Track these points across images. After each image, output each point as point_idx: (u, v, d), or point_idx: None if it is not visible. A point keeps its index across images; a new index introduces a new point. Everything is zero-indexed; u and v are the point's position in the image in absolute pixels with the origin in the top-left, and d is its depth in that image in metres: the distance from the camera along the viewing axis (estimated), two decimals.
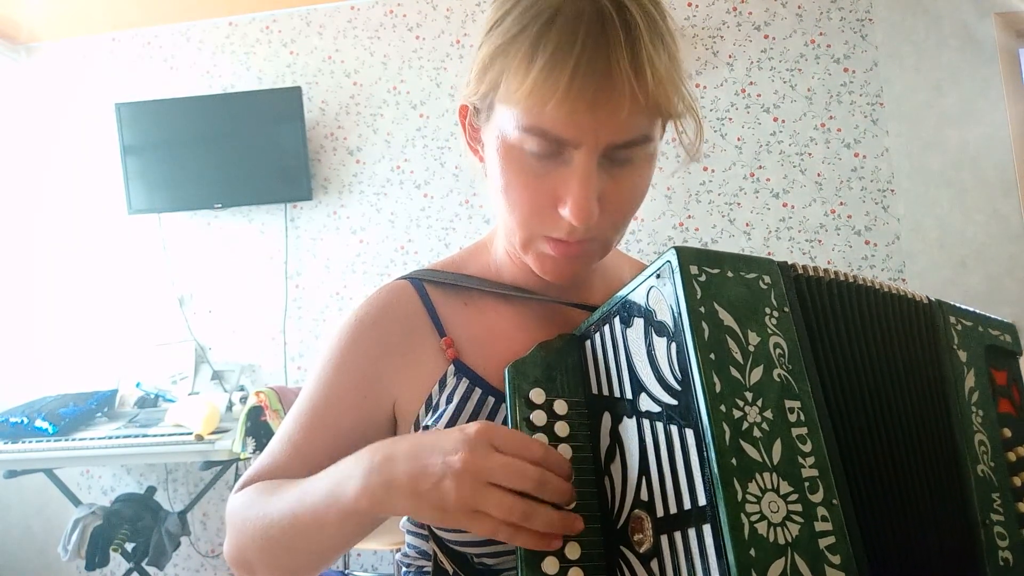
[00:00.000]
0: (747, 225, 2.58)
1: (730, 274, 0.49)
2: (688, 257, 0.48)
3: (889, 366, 0.56)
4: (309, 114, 2.76)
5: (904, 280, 2.47)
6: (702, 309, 0.46)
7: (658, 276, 0.50)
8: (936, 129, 2.47)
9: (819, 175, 2.54)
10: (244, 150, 2.68)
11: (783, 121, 2.57)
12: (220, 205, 2.73)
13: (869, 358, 0.55)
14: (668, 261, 0.49)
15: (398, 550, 0.75)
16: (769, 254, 2.46)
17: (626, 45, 0.50)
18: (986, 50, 2.45)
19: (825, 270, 0.56)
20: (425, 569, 0.68)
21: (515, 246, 0.62)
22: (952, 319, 0.62)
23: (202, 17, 2.85)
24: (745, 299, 0.49)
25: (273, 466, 0.67)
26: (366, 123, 2.79)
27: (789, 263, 0.54)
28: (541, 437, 0.54)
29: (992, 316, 0.65)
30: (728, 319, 0.47)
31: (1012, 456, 0.58)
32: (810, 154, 2.55)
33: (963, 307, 0.64)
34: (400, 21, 2.78)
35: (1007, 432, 0.59)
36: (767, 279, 0.50)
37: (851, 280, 0.57)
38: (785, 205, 2.56)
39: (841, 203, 2.52)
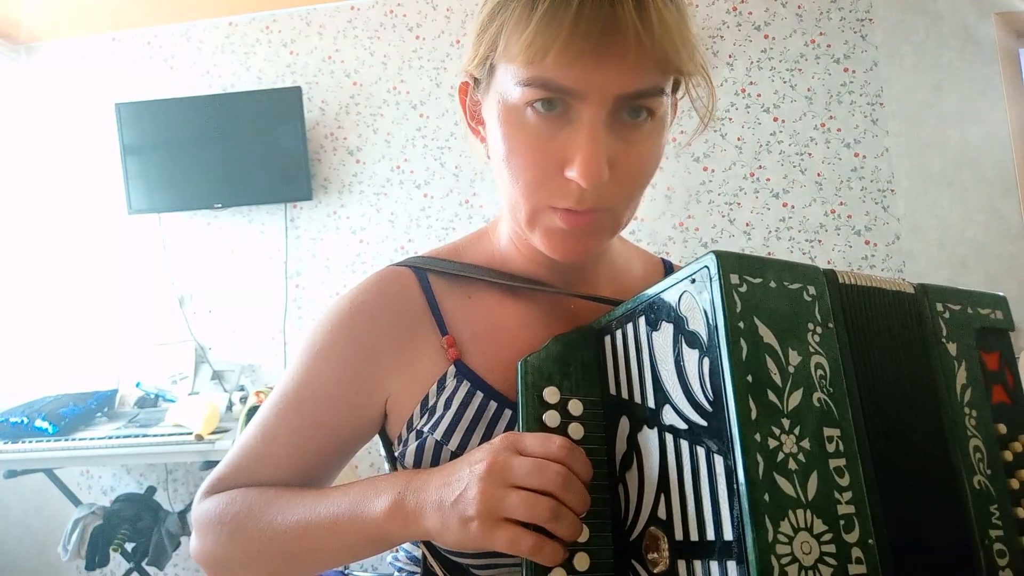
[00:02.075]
0: (747, 225, 2.58)
1: (772, 284, 0.44)
2: (729, 264, 0.43)
3: (922, 380, 0.52)
4: (309, 114, 2.75)
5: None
6: (741, 325, 0.42)
7: (693, 281, 0.46)
8: (936, 129, 2.47)
9: (819, 175, 2.54)
10: (244, 150, 2.68)
11: (783, 121, 2.57)
12: (220, 205, 2.72)
13: (908, 373, 0.51)
14: (706, 266, 0.44)
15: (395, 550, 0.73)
16: (769, 254, 2.46)
17: None
18: (986, 50, 2.45)
19: (868, 276, 0.52)
20: None
21: (521, 224, 0.57)
22: (939, 306, 0.56)
23: (202, 17, 2.84)
24: (787, 313, 0.44)
25: (249, 464, 0.62)
26: (366, 123, 2.79)
27: (835, 270, 0.49)
28: None
29: (982, 291, 0.59)
30: (768, 336, 0.43)
31: (1008, 455, 0.54)
32: (810, 154, 2.55)
33: (951, 288, 0.58)
34: (400, 21, 2.78)
35: (1002, 428, 0.54)
36: (812, 290, 0.46)
37: (887, 288, 0.53)
38: (785, 205, 2.56)
39: (841, 203, 2.52)
